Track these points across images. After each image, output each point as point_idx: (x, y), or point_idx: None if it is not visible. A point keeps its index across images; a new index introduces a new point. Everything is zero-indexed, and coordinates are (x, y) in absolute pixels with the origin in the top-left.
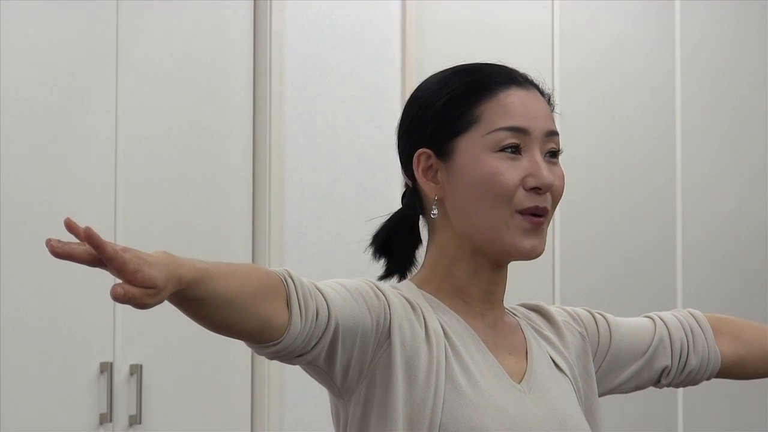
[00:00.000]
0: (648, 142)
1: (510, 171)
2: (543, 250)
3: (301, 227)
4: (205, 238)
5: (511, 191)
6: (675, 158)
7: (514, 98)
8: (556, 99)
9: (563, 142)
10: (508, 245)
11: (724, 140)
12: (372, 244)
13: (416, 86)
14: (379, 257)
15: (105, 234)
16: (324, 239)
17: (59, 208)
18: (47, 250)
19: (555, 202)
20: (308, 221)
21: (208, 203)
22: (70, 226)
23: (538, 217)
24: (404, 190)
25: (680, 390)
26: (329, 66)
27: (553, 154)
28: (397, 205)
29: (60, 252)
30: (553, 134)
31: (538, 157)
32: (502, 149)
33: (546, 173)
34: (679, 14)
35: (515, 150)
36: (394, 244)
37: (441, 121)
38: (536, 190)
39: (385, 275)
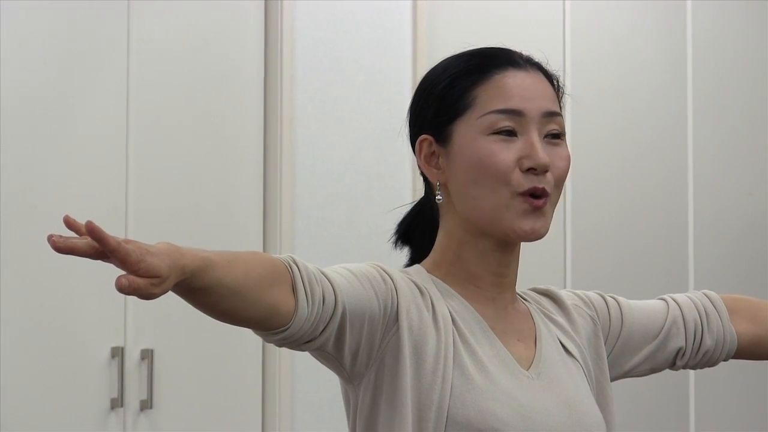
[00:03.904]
0: (659, 128)
1: (504, 152)
2: (545, 231)
3: (312, 212)
4: (217, 224)
5: (506, 172)
6: (686, 143)
7: (509, 80)
8: (568, 88)
9: (576, 130)
10: (508, 227)
11: (736, 124)
12: (395, 233)
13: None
14: (402, 246)
15: (116, 220)
16: (335, 224)
17: (71, 193)
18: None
19: (558, 183)
20: (319, 206)
21: (220, 189)
22: (70, 224)
23: (537, 198)
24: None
25: (692, 377)
26: (340, 51)
27: (556, 135)
28: (407, 190)
29: (62, 247)
30: (552, 115)
31: (535, 138)
32: (497, 132)
33: (542, 154)
34: (691, 2)
35: (510, 132)
36: (416, 233)
37: (439, 106)
38: (532, 170)
39: (409, 264)
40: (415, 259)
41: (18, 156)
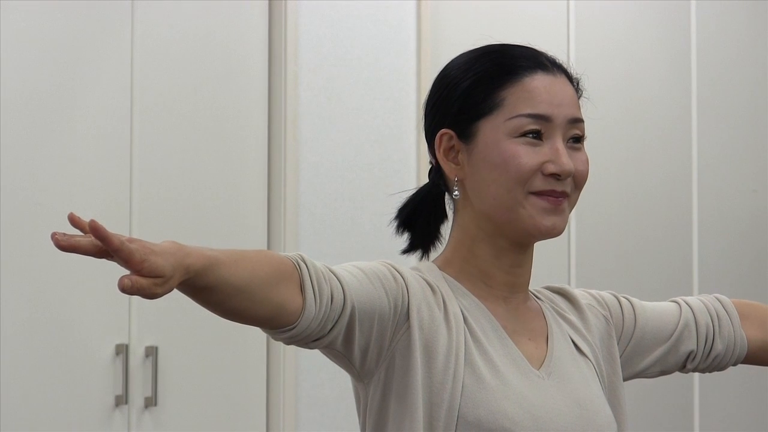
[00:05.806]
0: (663, 125)
1: (529, 155)
2: (563, 229)
3: (317, 209)
4: (221, 220)
5: (528, 174)
6: (690, 140)
7: (538, 84)
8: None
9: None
10: (528, 225)
11: (740, 121)
12: (396, 217)
13: (448, 61)
14: (403, 231)
15: (120, 217)
16: (339, 221)
17: (74, 190)
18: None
19: (578, 186)
20: (323, 203)
21: (224, 186)
22: (74, 221)
23: (556, 197)
24: (430, 166)
25: (697, 377)
26: (345, 47)
27: (577, 139)
28: (411, 186)
29: (65, 245)
30: (576, 121)
31: (560, 143)
32: (523, 134)
33: (566, 160)
34: None
35: (536, 136)
36: (419, 219)
37: (464, 103)
38: (555, 176)
39: (408, 250)
40: (414, 245)
41: (21, 152)
